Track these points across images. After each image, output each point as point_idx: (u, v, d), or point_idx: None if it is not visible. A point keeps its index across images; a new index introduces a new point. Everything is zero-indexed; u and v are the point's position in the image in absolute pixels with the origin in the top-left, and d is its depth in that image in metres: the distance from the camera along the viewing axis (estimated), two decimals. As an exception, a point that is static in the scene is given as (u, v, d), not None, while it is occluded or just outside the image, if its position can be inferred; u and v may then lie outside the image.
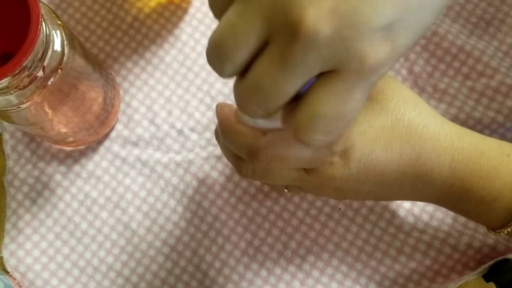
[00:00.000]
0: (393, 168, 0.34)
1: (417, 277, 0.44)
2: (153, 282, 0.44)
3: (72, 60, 0.37)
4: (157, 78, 0.48)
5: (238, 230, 0.45)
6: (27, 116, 0.37)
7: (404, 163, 0.34)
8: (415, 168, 0.34)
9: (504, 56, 0.47)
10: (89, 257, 0.45)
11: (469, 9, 0.48)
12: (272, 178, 0.36)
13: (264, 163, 0.33)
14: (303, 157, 0.33)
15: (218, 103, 0.36)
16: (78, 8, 0.50)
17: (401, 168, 0.34)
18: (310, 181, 0.35)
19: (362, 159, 0.33)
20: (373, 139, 0.33)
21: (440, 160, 0.34)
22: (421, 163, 0.34)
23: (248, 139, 0.33)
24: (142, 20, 0.49)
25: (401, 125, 0.34)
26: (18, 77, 0.33)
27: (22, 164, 0.46)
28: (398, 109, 0.34)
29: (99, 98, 0.43)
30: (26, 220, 0.45)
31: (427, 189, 0.35)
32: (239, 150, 0.34)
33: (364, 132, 0.33)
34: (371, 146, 0.33)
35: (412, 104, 0.35)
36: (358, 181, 0.35)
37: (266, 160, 0.33)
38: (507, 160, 0.34)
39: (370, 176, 0.34)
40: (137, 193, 0.46)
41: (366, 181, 0.35)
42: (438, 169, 0.34)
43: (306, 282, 0.44)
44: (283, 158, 0.33)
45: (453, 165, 0.34)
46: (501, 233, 0.35)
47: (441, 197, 0.36)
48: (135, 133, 0.47)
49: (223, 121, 0.35)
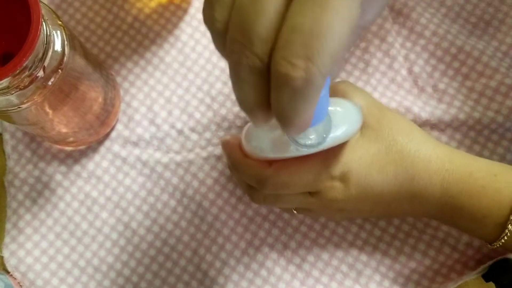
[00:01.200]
0: (389, 189, 0.38)
1: (417, 277, 0.44)
2: (154, 281, 0.44)
3: (73, 60, 0.37)
4: (157, 78, 0.48)
5: (238, 230, 0.45)
6: (27, 116, 0.37)
7: (399, 183, 0.37)
8: (410, 188, 0.38)
9: (503, 56, 0.47)
10: (89, 257, 0.45)
11: (468, 10, 0.48)
12: (281, 202, 0.40)
13: (272, 190, 0.37)
14: (306, 182, 0.37)
15: (221, 139, 0.40)
16: (79, 8, 0.50)
17: (396, 188, 0.38)
18: (315, 203, 0.39)
19: (360, 182, 0.37)
20: (369, 163, 0.37)
21: (432, 180, 0.37)
22: (415, 183, 0.37)
23: (256, 170, 0.37)
24: (142, 20, 0.49)
25: (394, 150, 0.37)
26: (19, 77, 0.33)
27: (23, 164, 0.46)
28: (391, 136, 0.38)
29: (100, 98, 0.43)
30: (26, 220, 0.46)
31: (424, 206, 0.38)
32: (249, 180, 0.38)
33: (360, 157, 0.37)
34: (367, 170, 0.37)
35: (406, 131, 0.38)
36: (359, 201, 0.38)
37: (274, 187, 0.37)
38: (494, 179, 0.37)
39: (370, 197, 0.38)
40: (138, 193, 0.46)
41: (366, 201, 0.38)
42: (431, 189, 0.37)
43: (306, 282, 0.44)
44: (288, 184, 0.36)
45: (445, 185, 0.37)
46: (495, 246, 0.38)
47: (437, 214, 0.39)
48: (136, 133, 0.47)
49: (230, 156, 0.39)
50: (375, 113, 0.38)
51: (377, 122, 0.38)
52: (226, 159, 0.40)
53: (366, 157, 0.37)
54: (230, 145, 0.39)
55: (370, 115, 0.38)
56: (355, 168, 0.37)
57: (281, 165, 0.37)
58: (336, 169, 0.37)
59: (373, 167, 0.37)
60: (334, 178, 0.37)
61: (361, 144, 0.37)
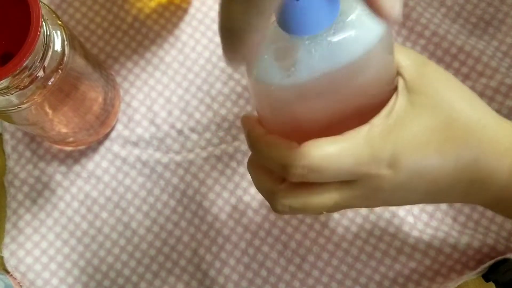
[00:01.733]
0: (446, 174, 0.30)
1: (417, 277, 0.44)
2: (153, 282, 0.44)
3: (73, 60, 0.37)
4: (157, 78, 0.48)
5: (238, 230, 0.45)
6: (27, 116, 0.37)
7: (460, 168, 0.30)
8: (471, 174, 0.30)
9: (503, 56, 0.47)
10: (89, 257, 0.45)
11: (468, 10, 0.48)
12: (312, 207, 0.31)
13: (299, 175, 0.29)
14: (344, 166, 0.29)
15: (243, 115, 0.33)
16: (79, 8, 0.50)
17: (455, 174, 0.30)
18: (355, 196, 0.31)
19: (413, 167, 0.29)
20: (424, 142, 0.29)
21: (499, 163, 0.30)
22: (479, 167, 0.30)
23: (281, 149, 0.30)
24: (142, 20, 0.49)
25: (457, 126, 0.30)
26: (19, 77, 0.33)
27: (23, 164, 0.46)
28: (451, 104, 0.30)
29: (99, 98, 0.43)
30: (26, 220, 0.45)
31: (480, 194, 0.32)
32: (271, 162, 0.30)
33: (415, 134, 0.29)
34: (422, 152, 0.29)
35: (467, 99, 0.31)
36: (408, 191, 0.31)
37: (303, 171, 0.29)
38: None
39: (421, 185, 0.30)
40: (137, 193, 0.46)
41: (417, 190, 0.31)
42: (496, 174, 0.31)
43: (306, 282, 0.44)
44: (321, 167, 0.29)
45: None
46: None
47: (493, 202, 0.33)
48: (135, 133, 0.47)
49: (251, 132, 0.32)
50: (427, 73, 0.30)
51: (428, 84, 0.30)
52: (246, 139, 0.32)
53: (420, 134, 0.29)
54: (251, 120, 0.32)
55: (420, 76, 0.30)
56: (408, 149, 0.29)
57: (313, 143, 0.29)
58: (383, 151, 0.29)
59: (430, 146, 0.29)
60: (380, 162, 0.29)
61: (413, 116, 0.29)
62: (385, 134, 0.29)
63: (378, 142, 0.29)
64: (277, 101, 0.29)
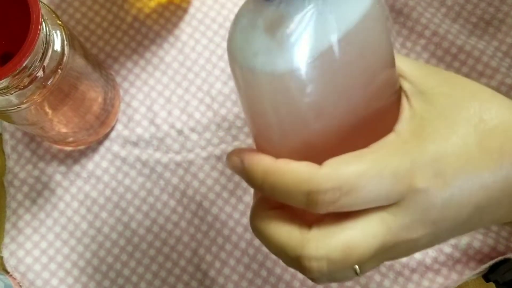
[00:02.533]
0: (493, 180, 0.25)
1: (417, 277, 0.44)
2: (153, 282, 0.44)
3: (72, 60, 0.37)
4: (157, 78, 0.48)
5: (238, 230, 0.45)
6: (27, 116, 0.37)
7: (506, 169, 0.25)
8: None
9: (504, 56, 0.47)
10: (89, 257, 0.45)
11: (469, 9, 0.48)
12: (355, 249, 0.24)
13: (330, 202, 0.24)
14: (384, 180, 0.24)
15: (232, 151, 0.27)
16: (78, 8, 0.50)
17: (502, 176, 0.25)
18: (403, 226, 0.25)
19: (461, 173, 0.25)
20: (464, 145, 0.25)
21: None
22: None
23: (301, 173, 0.24)
24: (142, 20, 0.49)
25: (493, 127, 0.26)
26: (18, 77, 0.33)
27: (22, 164, 0.46)
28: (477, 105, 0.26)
29: (99, 98, 0.43)
30: (26, 220, 0.45)
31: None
32: (291, 196, 0.25)
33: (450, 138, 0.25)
34: (465, 156, 0.25)
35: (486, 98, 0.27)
36: (460, 205, 0.25)
37: (334, 195, 0.24)
38: None
39: (473, 194, 0.25)
40: (137, 193, 0.46)
41: (468, 205, 0.25)
42: None
43: (306, 282, 0.44)
44: (358, 187, 0.24)
45: None
46: None
47: None
48: (135, 133, 0.47)
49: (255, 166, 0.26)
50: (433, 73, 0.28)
51: (444, 84, 0.27)
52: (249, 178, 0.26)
53: (459, 137, 0.25)
54: (248, 152, 0.26)
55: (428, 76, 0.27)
56: (450, 154, 0.24)
57: (336, 160, 0.24)
58: (423, 155, 0.24)
59: (472, 149, 0.25)
60: (424, 170, 0.24)
61: (440, 117, 0.25)
62: (417, 139, 0.25)
63: (413, 148, 0.25)
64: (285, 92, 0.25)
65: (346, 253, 0.24)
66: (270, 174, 0.25)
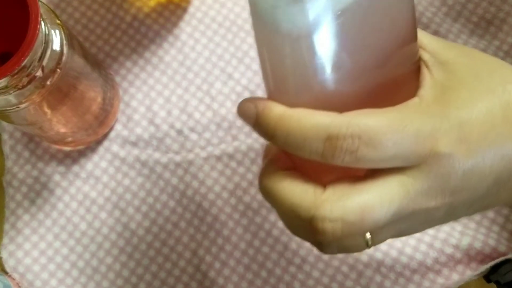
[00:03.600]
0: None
1: (418, 278, 0.44)
2: (153, 283, 0.44)
3: (71, 59, 0.37)
4: (156, 77, 0.48)
5: (238, 230, 0.45)
6: (26, 116, 0.37)
7: None
8: None
9: (505, 56, 0.47)
10: (88, 258, 0.45)
11: (470, 9, 0.48)
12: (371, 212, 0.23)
13: (350, 151, 0.23)
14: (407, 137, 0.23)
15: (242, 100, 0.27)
16: (77, 7, 0.49)
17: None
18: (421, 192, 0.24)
19: (485, 138, 0.24)
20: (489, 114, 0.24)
21: None
22: None
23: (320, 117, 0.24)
24: (141, 19, 0.49)
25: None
26: (17, 77, 0.32)
27: (21, 164, 0.46)
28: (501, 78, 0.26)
29: (98, 98, 0.43)
30: (25, 221, 0.45)
31: None
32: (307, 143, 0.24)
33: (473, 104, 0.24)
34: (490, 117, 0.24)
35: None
36: (481, 174, 0.24)
37: (353, 144, 0.23)
38: None
39: (494, 164, 0.24)
40: (136, 193, 0.46)
41: (490, 174, 0.24)
42: None
43: (306, 283, 0.44)
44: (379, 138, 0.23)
45: None
46: None
47: None
48: (134, 133, 0.47)
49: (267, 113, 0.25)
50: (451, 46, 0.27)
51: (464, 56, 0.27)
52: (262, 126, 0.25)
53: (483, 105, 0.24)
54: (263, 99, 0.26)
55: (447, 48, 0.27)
56: (475, 119, 0.24)
57: (359, 112, 0.24)
58: (448, 119, 0.24)
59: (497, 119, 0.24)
60: (449, 134, 0.23)
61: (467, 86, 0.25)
62: (441, 105, 0.24)
63: (437, 113, 0.24)
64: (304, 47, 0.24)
65: (362, 216, 0.23)
66: (285, 118, 0.24)
